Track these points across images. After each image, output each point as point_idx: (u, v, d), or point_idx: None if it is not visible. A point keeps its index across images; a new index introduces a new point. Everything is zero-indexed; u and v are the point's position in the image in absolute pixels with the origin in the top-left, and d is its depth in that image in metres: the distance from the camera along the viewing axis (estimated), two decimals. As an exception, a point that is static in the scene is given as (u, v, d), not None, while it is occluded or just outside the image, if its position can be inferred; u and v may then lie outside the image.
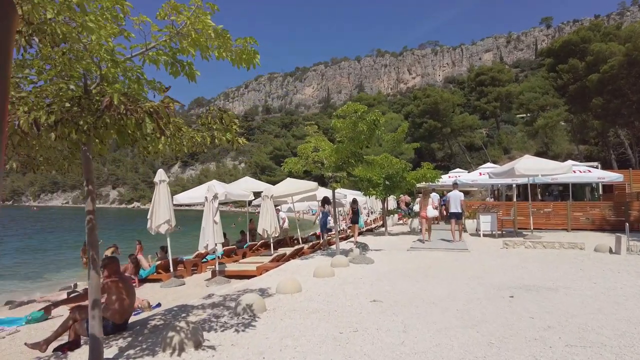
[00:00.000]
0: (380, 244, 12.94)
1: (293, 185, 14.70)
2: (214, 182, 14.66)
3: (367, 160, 9.37)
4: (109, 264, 4.48)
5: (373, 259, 9.35)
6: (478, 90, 73.16)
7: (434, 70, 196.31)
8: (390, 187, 15.20)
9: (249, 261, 11.62)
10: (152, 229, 10.16)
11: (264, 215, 12.28)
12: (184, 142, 3.37)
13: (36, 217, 74.41)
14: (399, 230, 19.34)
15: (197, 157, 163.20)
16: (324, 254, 10.99)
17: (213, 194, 9.97)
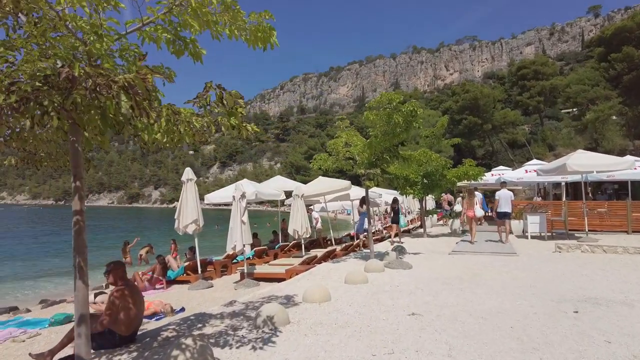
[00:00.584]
0: (418, 247, 12.11)
1: (325, 185, 14.10)
2: (244, 181, 14.30)
3: (404, 156, 8.59)
4: (114, 270, 4.05)
5: (411, 263, 8.59)
6: (520, 85, 69.76)
7: (473, 66, 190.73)
8: (429, 185, 14.30)
9: (279, 263, 11.13)
10: (179, 229, 9.86)
11: (294, 215, 11.76)
12: (181, 130, 2.84)
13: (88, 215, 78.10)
14: (438, 231, 18.34)
15: (234, 158, 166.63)
16: (358, 257, 10.31)
17: (241, 193, 9.53)
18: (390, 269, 8.14)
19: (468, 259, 9.52)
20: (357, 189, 16.51)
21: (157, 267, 10.16)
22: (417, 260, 9.30)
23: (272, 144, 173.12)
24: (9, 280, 14.56)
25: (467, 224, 13.25)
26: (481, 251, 10.64)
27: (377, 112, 7.78)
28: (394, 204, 13.43)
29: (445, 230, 18.60)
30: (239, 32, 3.47)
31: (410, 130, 7.84)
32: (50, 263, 19.26)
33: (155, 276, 9.97)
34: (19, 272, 16.63)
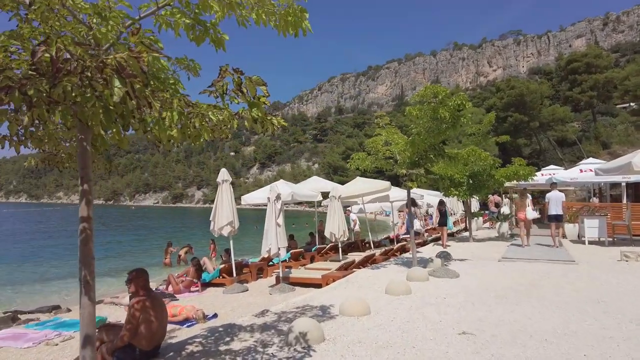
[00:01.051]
0: (464, 252, 11.34)
1: (363, 185, 13.57)
2: (280, 182, 14.04)
3: (449, 155, 7.93)
4: (136, 278, 3.76)
5: (458, 271, 7.91)
6: (570, 80, 65.82)
7: (517, 61, 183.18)
8: (475, 186, 13.43)
9: (315, 267, 10.71)
10: (214, 231, 9.67)
11: (331, 217, 11.31)
12: (196, 124, 2.45)
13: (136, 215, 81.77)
14: (484, 235, 17.34)
15: (273, 159, 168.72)
16: (398, 263, 9.71)
17: (275, 194, 9.20)
18: (435, 277, 7.51)
19: (521, 267, 8.70)
20: (397, 190, 15.87)
21: (191, 269, 10.02)
22: (465, 268, 8.60)
23: (310, 144, 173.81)
24: (59, 278, 15.02)
25: (519, 227, 12.47)
26: (535, 258, 9.74)
27: (421, 107, 7.18)
28: (440, 206, 13.20)
29: (492, 233, 17.55)
30: (267, 16, 3.06)
31: (457, 126, 7.19)
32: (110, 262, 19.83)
33: (189, 279, 9.81)
34: (71, 270, 17.17)
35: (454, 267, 8.64)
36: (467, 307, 5.54)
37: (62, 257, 21.57)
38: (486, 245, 13.31)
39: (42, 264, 19.22)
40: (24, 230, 42.60)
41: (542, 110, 56.76)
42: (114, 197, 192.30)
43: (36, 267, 18.11)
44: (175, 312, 7.02)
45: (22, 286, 13.74)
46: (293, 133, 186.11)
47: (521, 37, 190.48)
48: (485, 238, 15.88)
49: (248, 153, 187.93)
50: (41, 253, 23.64)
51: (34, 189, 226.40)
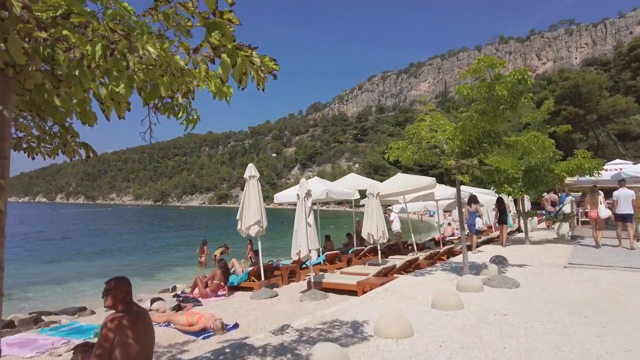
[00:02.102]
0: (521, 256, 9.97)
1: (405, 182, 12.44)
2: (315, 179, 13.18)
3: (507, 143, 6.71)
4: (113, 289, 3.00)
5: (517, 280, 6.69)
6: (633, 68, 60.83)
7: (569, 52, 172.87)
8: (532, 182, 11.95)
9: (352, 271, 9.74)
10: (242, 231, 8.95)
11: (369, 217, 10.31)
12: (131, 64, 1.59)
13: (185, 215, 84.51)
14: (540, 236, 15.66)
15: (314, 159, 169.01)
16: (446, 269, 8.55)
17: (305, 190, 8.33)
18: (491, 287, 6.35)
19: (593, 275, 7.31)
20: (443, 187, 14.58)
21: (218, 272, 9.34)
22: (525, 276, 7.33)
23: (351, 144, 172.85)
24: (96, 276, 14.97)
25: (592, 227, 11.57)
26: (609, 265, 8.26)
27: (473, 86, 6.05)
28: (500, 205, 13.02)
29: (549, 235, 15.83)
30: None
31: (516, 107, 6.00)
32: (145, 261, 19.88)
33: (216, 282, 9.14)
34: (108, 266, 17.22)
35: (512, 274, 7.40)
36: (536, 328, 4.40)
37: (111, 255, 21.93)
38: (545, 248, 11.79)
39: (86, 261, 19.52)
40: (83, 229, 44.50)
41: (600, 102, 52.49)
42: (162, 198, 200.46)
43: (76, 264, 18.35)
44: (193, 321, 6.33)
45: (57, 286, 13.73)
46: (333, 133, 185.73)
47: (574, 27, 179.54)
48: (543, 240, 14.26)
49: (289, 154, 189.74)
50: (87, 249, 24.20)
51: (90, 190, 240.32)
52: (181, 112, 2.78)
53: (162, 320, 6.80)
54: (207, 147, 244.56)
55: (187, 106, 2.77)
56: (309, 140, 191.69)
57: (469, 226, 11.72)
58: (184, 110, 2.78)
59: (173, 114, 2.81)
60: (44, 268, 17.67)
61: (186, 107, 2.78)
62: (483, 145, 6.78)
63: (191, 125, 2.87)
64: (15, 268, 17.17)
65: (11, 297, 11.45)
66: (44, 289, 13.17)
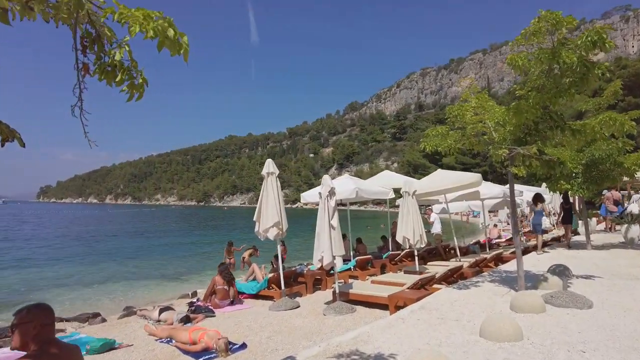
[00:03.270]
0: (585, 265, 8.46)
1: (445, 179, 11.14)
2: (345, 176, 12.13)
3: (574, 128, 5.37)
4: (23, 323, 2.12)
5: (588, 297, 5.35)
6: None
7: (625, 41, 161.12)
8: (595, 177, 10.31)
9: (385, 280, 8.62)
10: (260, 234, 8.07)
11: (404, 218, 9.14)
12: None
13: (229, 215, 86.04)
14: (602, 240, 13.81)
15: (351, 159, 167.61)
16: (495, 280, 7.25)
17: (328, 188, 7.31)
18: (556, 307, 5.06)
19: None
20: (489, 185, 13.14)
21: (217, 278, 8.24)
22: (596, 291, 5.94)
23: (389, 143, 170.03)
24: (117, 280, 14.65)
25: None
26: None
27: (531, 54, 4.78)
28: (566, 203, 12.41)
29: (613, 239, 13.94)
30: None
31: (588, 80, 4.69)
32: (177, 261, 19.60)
33: (221, 287, 8.15)
34: (141, 270, 16.95)
35: (579, 288, 6.03)
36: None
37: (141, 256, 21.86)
38: (612, 255, 10.13)
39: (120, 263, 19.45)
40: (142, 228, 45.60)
41: (665, 93, 47.95)
42: (204, 198, 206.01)
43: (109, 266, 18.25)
44: (195, 338, 5.47)
45: (88, 287, 13.47)
46: (371, 132, 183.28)
47: (630, 13, 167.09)
48: (607, 244, 12.48)
49: (327, 154, 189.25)
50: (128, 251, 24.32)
51: (136, 191, 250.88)
52: (121, 74, 1.93)
53: (164, 336, 6.01)
54: (247, 149, 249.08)
55: (131, 68, 1.93)
56: (346, 140, 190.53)
57: (535, 226, 11.53)
58: (125, 71, 1.93)
59: (108, 78, 1.96)
60: (82, 268, 17.64)
61: (128, 69, 1.93)
62: (542, 131, 5.49)
63: (137, 95, 2.01)
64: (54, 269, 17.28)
65: (46, 298, 11.18)
66: (75, 290, 12.92)
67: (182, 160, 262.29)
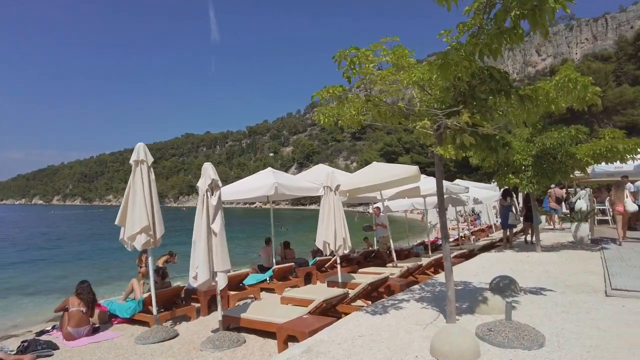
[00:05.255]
0: (536, 273, 7.10)
1: (379, 173, 9.57)
2: (266, 171, 10.29)
3: (520, 93, 3.80)
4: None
5: (539, 327, 3.82)
6: (639, 57, 57.79)
7: (569, 48, 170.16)
8: (546, 171, 9.06)
9: (295, 295, 6.89)
10: (125, 242, 6.07)
11: (324, 219, 7.44)
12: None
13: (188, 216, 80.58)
14: (551, 239, 12.83)
15: (311, 158, 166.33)
16: (426, 298, 5.67)
17: (209, 181, 5.45)
18: (495, 347, 3.48)
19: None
20: (431, 180, 11.72)
21: (72, 299, 6.21)
22: (549, 315, 4.46)
23: (348, 143, 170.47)
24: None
25: (616, 223, 10.98)
26: None
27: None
28: (527, 201, 12.10)
29: (563, 237, 13.00)
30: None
31: (541, 14, 3.14)
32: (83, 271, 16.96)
33: (75, 310, 6.08)
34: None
35: (528, 311, 4.54)
36: None
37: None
38: (563, 257, 8.92)
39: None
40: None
41: (607, 92, 49.55)
42: (159, 199, 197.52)
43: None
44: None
45: None
46: (331, 132, 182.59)
47: (574, 22, 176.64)
48: (557, 245, 11.43)
49: (287, 153, 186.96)
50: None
51: (87, 192, 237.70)
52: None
53: None
54: (204, 148, 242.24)
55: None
56: (306, 140, 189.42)
57: (504, 221, 11.81)
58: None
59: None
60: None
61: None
62: (480, 96, 3.92)
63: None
64: None
65: None
66: None
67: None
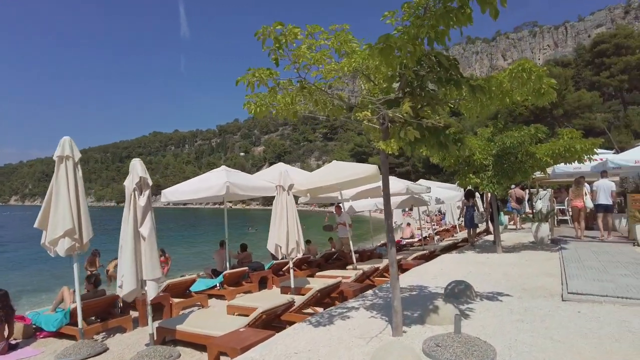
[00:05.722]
0: (494, 276, 6.88)
1: (338, 172, 9.19)
2: (219, 169, 9.75)
3: (473, 84, 3.46)
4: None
5: (491, 340, 3.50)
6: (597, 64, 60.20)
7: (533, 53, 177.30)
8: (506, 170, 8.92)
9: (241, 304, 6.39)
10: (47, 248, 5.41)
11: (276, 221, 6.98)
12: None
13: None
14: (513, 239, 12.82)
15: (283, 158, 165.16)
16: (376, 307, 5.29)
17: (136, 179, 4.89)
18: (440, 366, 3.12)
19: (617, 318, 4.24)
20: (392, 180, 11.46)
21: None
22: (504, 324, 4.17)
23: (320, 143, 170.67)
24: None
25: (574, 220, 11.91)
26: (622, 288, 5.22)
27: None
28: (492, 201, 11.86)
29: (524, 237, 13.02)
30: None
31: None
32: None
33: None
34: None
35: (481, 320, 4.23)
36: None
37: None
38: (523, 258, 8.80)
39: None
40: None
41: (567, 96, 51.29)
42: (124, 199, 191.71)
43: None
44: None
45: None
46: (303, 132, 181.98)
47: (537, 29, 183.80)
48: (517, 245, 11.39)
49: (258, 153, 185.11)
50: None
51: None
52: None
53: None
54: (172, 146, 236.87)
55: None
56: (278, 139, 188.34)
57: (468, 220, 12.16)
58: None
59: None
60: None
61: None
62: (427, 86, 3.55)
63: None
64: None
65: None
66: None
67: (101, 158, 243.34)
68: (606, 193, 10.82)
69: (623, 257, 7.97)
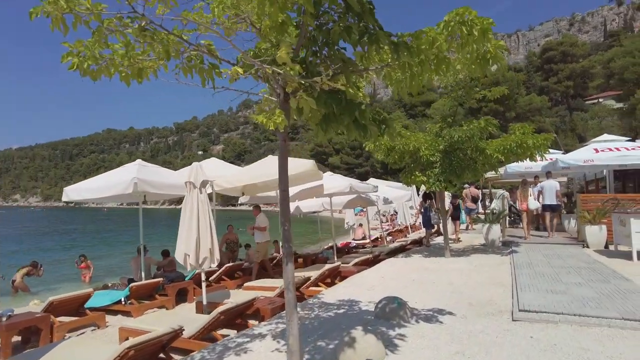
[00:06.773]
0: (439, 286, 6.04)
1: (272, 167, 8.11)
2: (132, 164, 8.39)
3: (399, 41, 2.48)
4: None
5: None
6: (545, 69, 62.67)
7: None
8: (454, 168, 8.16)
9: (133, 326, 5.18)
10: None
11: (185, 226, 5.80)
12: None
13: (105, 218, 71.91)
14: (464, 242, 12.25)
15: (243, 158, 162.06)
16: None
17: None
18: None
19: (575, 342, 3.43)
20: (334, 178, 10.56)
21: None
22: (438, 358, 3.23)
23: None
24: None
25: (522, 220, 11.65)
26: (578, 306, 4.48)
27: None
28: (454, 200, 12.96)
29: (475, 239, 12.49)
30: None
31: None
32: None
33: None
34: None
35: (412, 352, 3.29)
36: None
37: None
38: (472, 264, 8.07)
39: None
40: None
41: (518, 100, 52.88)
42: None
43: None
44: None
45: None
46: (264, 131, 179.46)
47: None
48: (468, 248, 10.78)
49: (217, 152, 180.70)
50: None
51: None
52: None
53: None
54: (127, 144, 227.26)
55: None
56: (238, 138, 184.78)
57: (425, 221, 12.27)
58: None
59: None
60: None
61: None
62: (336, 41, 2.55)
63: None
64: None
65: None
66: None
67: (48, 156, 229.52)
68: (551, 193, 10.81)
69: (574, 262, 7.42)
